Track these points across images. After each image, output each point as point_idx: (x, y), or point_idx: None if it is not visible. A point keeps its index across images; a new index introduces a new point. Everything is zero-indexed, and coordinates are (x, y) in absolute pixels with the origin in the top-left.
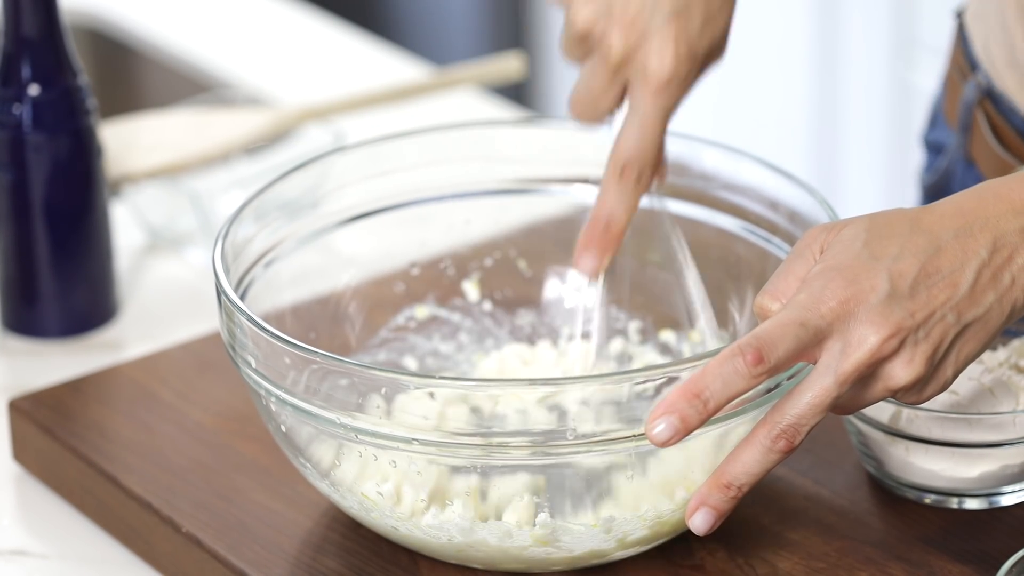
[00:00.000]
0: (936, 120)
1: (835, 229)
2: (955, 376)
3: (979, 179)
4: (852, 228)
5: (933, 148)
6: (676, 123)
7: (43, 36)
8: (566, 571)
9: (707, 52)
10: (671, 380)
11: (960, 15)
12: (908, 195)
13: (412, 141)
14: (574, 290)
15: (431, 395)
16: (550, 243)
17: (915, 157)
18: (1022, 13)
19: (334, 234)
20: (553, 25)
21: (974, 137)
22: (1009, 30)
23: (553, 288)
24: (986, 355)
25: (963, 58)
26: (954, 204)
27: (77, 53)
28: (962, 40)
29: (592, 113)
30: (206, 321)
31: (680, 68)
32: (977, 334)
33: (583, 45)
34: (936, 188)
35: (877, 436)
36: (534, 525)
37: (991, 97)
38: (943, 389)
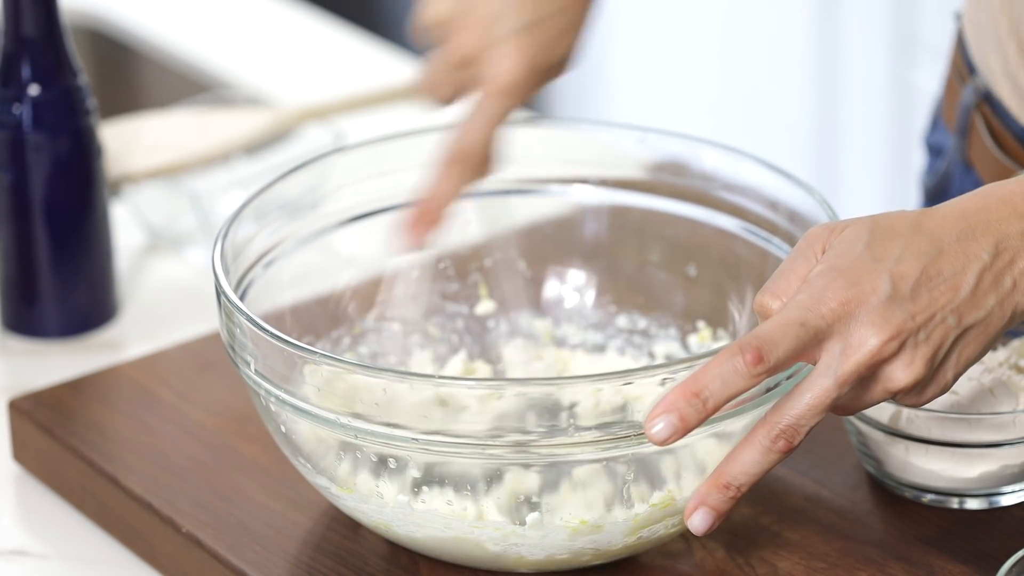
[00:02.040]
0: (937, 122)
1: (837, 229)
2: (955, 379)
3: (977, 183)
4: (854, 229)
5: (934, 150)
6: (676, 123)
7: (43, 36)
8: (565, 571)
9: (549, 68)
10: (670, 380)
11: (960, 17)
12: (908, 195)
13: (412, 141)
14: (393, 267)
15: (431, 395)
16: (550, 243)
17: (915, 157)
18: (1014, 30)
19: (334, 234)
20: None
21: (972, 141)
22: (1003, 43)
23: (553, 288)
24: (986, 355)
25: (962, 61)
26: (957, 207)
27: (77, 53)
28: (961, 43)
29: (432, 97)
30: (206, 321)
31: (521, 78)
32: (978, 337)
33: (433, 33)
34: (936, 191)
35: (877, 436)
36: (531, 525)
37: (989, 101)
38: (943, 392)
